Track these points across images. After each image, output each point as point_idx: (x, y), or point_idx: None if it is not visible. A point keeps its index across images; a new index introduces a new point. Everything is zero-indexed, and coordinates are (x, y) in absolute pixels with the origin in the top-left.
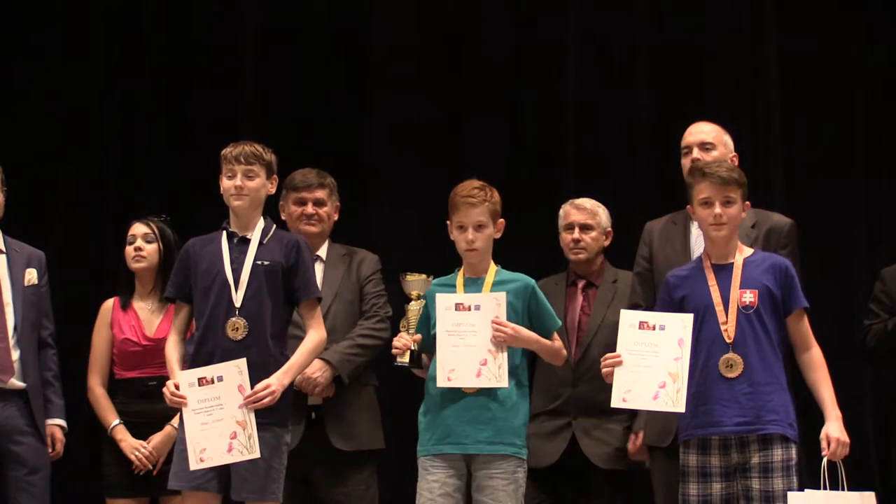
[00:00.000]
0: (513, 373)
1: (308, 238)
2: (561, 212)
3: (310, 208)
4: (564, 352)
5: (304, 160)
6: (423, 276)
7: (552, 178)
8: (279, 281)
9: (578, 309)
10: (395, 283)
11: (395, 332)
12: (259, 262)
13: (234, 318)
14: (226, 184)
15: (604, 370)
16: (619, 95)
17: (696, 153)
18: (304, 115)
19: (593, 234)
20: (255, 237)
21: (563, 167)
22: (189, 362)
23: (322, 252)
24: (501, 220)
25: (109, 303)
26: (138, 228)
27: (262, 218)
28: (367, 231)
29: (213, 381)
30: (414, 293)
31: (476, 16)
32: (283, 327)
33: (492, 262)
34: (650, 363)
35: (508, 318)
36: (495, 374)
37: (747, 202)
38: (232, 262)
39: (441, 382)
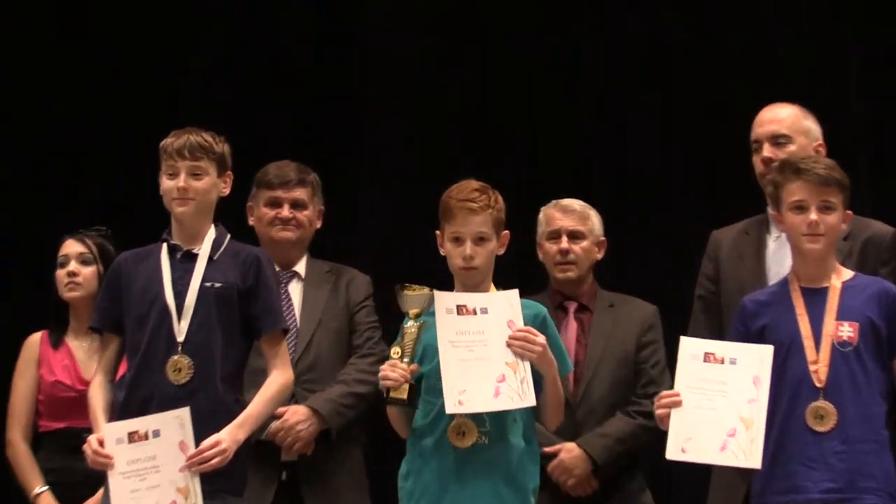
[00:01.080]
0: (517, 416)
1: (283, 249)
2: (541, 216)
3: (285, 211)
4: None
5: (276, 153)
6: (426, 289)
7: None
8: (234, 307)
9: (573, 339)
10: (385, 297)
11: None
12: (208, 284)
13: (176, 356)
14: (166, 184)
15: (658, 412)
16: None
17: (766, 151)
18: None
19: (584, 243)
20: (203, 251)
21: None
22: (118, 411)
23: (300, 268)
24: (506, 231)
25: (36, 338)
26: (71, 247)
27: (212, 227)
28: (351, 240)
29: (147, 437)
30: (413, 311)
31: None
32: (238, 367)
33: (491, 284)
34: (717, 405)
35: None
36: (518, 390)
37: (849, 211)
38: (174, 284)
39: (451, 408)
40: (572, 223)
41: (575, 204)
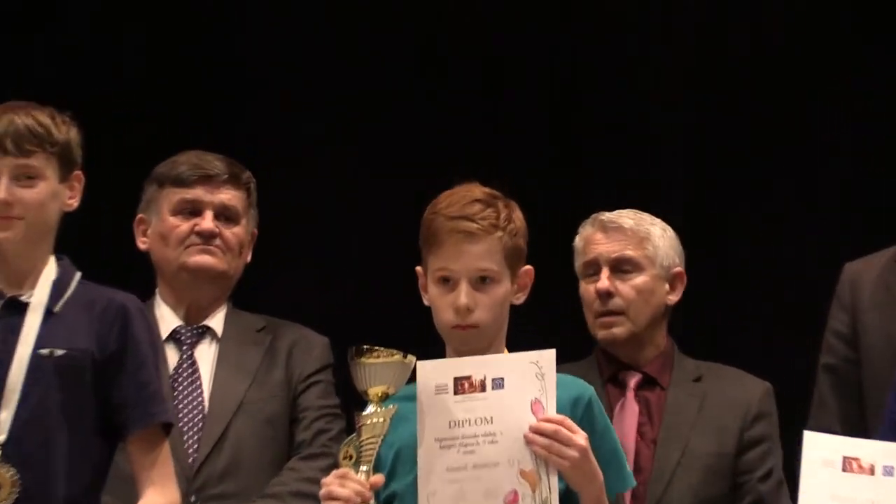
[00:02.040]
0: None
1: (201, 285)
2: (577, 240)
3: (207, 221)
4: None
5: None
6: (398, 355)
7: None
8: (86, 388)
9: (634, 431)
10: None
11: None
12: (45, 352)
13: None
14: None
15: None
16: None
17: None
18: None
19: (641, 279)
20: (37, 300)
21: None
22: None
23: (216, 322)
24: (528, 267)
25: None
26: None
27: (52, 260)
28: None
29: None
30: (376, 389)
31: None
32: (91, 482)
33: (505, 350)
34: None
35: None
36: None
37: None
38: None
39: None
40: (618, 248)
41: (626, 218)
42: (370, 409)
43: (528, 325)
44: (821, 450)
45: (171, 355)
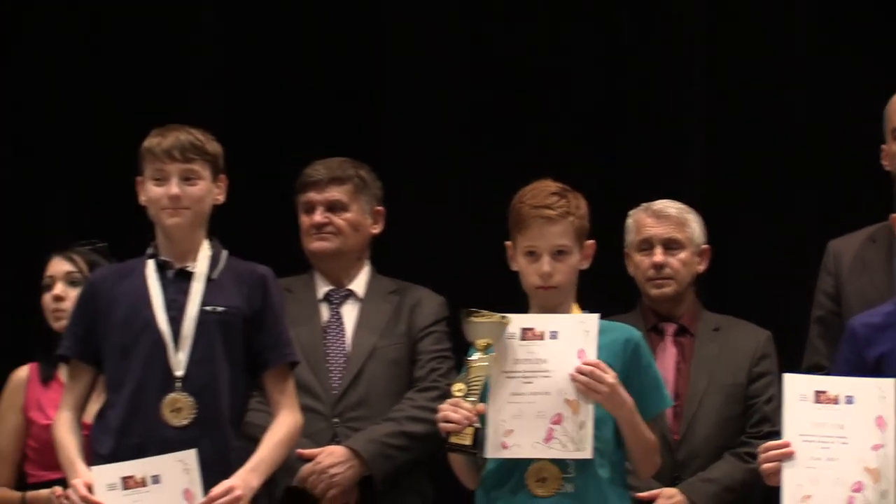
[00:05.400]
0: (605, 457)
1: (322, 262)
2: (630, 221)
3: (318, 216)
4: (659, 457)
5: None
6: (497, 316)
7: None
8: (239, 337)
9: (672, 367)
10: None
11: None
12: (209, 308)
13: (173, 394)
14: (154, 192)
15: (764, 466)
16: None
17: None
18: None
19: (683, 254)
20: (199, 269)
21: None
22: (104, 461)
23: (358, 285)
24: (590, 241)
25: (22, 374)
26: (58, 266)
27: (206, 241)
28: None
29: (145, 483)
30: (481, 341)
31: None
32: (244, 408)
33: (574, 305)
34: (836, 455)
35: None
36: (573, 437)
37: None
38: (167, 307)
39: (492, 451)
40: (667, 230)
41: (670, 207)
42: (476, 355)
43: (587, 283)
44: (798, 387)
45: (324, 312)
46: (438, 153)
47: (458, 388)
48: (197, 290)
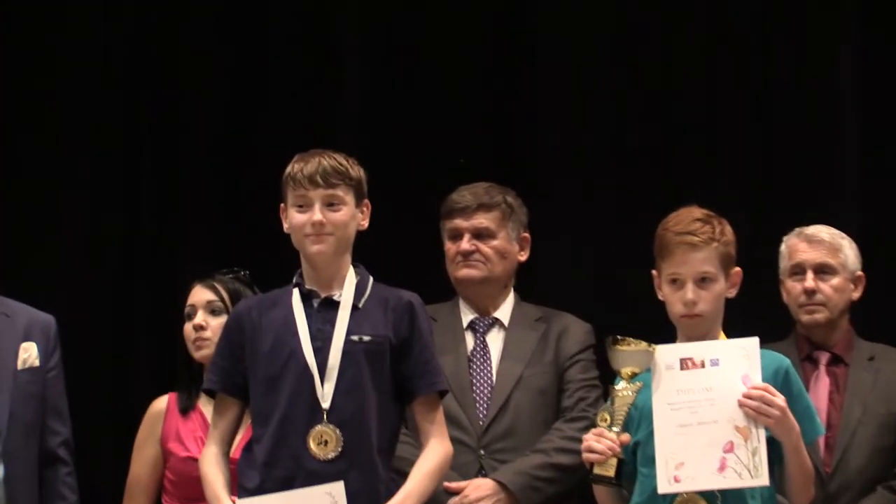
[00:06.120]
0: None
1: (469, 290)
2: (783, 247)
3: (465, 243)
4: (814, 488)
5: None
6: (643, 344)
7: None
8: (386, 366)
9: (825, 397)
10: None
11: None
12: (355, 338)
13: (320, 426)
14: (297, 219)
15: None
16: None
17: None
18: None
19: (836, 280)
20: (345, 298)
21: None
22: (249, 494)
23: (503, 313)
24: (737, 269)
25: (162, 403)
26: (200, 295)
27: (351, 268)
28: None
29: None
30: (627, 370)
31: None
32: (394, 439)
33: (721, 334)
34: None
35: None
36: (747, 464)
37: None
38: (313, 338)
39: (664, 487)
40: (820, 255)
41: (823, 232)
42: (622, 384)
43: (735, 312)
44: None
45: (469, 340)
46: (586, 179)
47: (602, 417)
48: (343, 319)
